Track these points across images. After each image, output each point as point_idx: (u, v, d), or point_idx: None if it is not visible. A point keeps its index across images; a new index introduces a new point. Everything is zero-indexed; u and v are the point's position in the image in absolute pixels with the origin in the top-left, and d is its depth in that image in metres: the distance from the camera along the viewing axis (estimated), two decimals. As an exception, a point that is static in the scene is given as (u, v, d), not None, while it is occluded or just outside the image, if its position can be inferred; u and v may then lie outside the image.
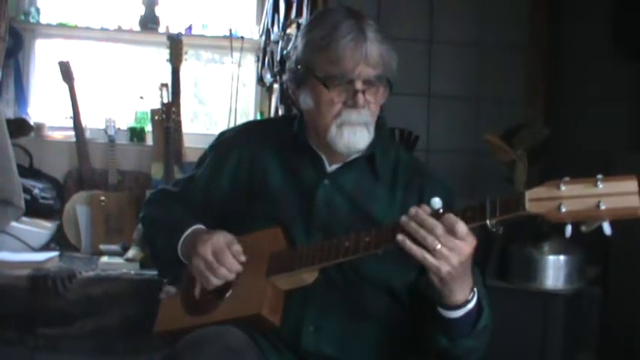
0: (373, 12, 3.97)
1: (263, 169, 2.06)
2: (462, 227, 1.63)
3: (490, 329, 1.87)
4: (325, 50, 1.91)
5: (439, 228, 1.63)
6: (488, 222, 1.60)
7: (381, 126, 2.07)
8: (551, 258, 3.06)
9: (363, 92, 1.90)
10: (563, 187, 1.51)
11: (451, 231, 1.63)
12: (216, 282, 1.93)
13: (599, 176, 1.49)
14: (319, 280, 1.89)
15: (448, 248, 1.63)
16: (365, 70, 1.89)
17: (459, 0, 4.10)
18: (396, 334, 1.99)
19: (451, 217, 1.64)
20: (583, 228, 1.51)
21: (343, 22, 1.91)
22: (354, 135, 1.93)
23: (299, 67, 1.99)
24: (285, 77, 2.11)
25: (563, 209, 1.50)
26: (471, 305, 1.76)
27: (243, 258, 1.93)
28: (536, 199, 1.54)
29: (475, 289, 1.77)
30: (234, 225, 2.02)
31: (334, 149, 1.96)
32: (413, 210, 1.67)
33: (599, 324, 3.23)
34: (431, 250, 1.63)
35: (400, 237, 1.66)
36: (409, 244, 1.65)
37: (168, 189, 2.28)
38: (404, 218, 1.67)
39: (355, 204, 1.98)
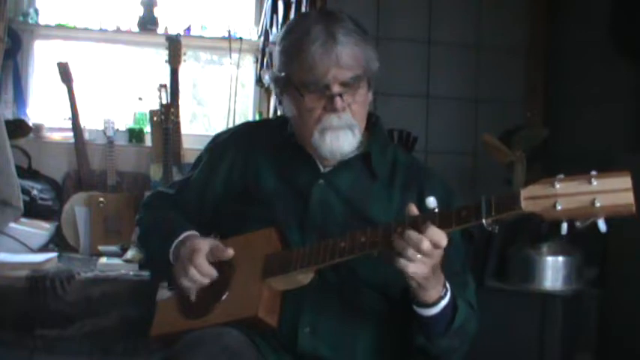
0: (372, 14, 3.98)
1: (256, 170, 2.06)
2: (444, 240, 1.65)
3: (470, 330, 1.89)
4: (297, 58, 1.91)
5: (425, 243, 1.64)
6: (484, 221, 1.60)
7: (375, 125, 2.07)
8: (549, 259, 3.07)
9: (340, 95, 1.90)
10: (557, 185, 1.51)
11: (436, 244, 1.64)
12: (187, 284, 1.92)
13: (593, 173, 1.49)
14: (315, 282, 1.89)
15: (426, 256, 1.65)
16: (339, 73, 1.89)
17: (458, 1, 4.11)
18: (392, 335, 1.98)
19: (435, 231, 1.64)
20: (577, 224, 1.51)
21: (312, 27, 1.90)
22: (338, 139, 1.93)
23: (279, 74, 1.99)
24: (271, 85, 2.11)
25: (559, 207, 1.50)
26: (444, 302, 1.77)
27: (230, 252, 1.92)
28: (532, 198, 1.53)
29: (448, 286, 1.79)
30: (229, 227, 2.01)
31: (319, 154, 1.97)
32: (399, 228, 1.68)
33: (598, 325, 3.23)
34: (411, 260, 1.65)
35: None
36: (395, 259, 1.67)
37: (164, 191, 2.28)
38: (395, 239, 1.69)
39: (351, 204, 1.98)
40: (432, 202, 1.67)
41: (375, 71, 1.97)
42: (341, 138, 1.93)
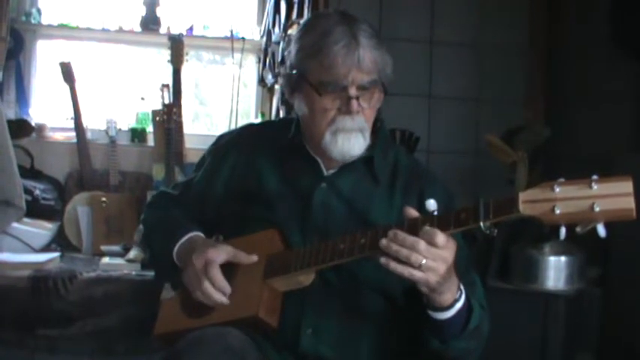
0: (375, 13, 3.97)
1: (258, 172, 2.06)
2: (440, 237, 1.63)
3: (484, 331, 1.88)
4: (317, 57, 1.89)
5: (421, 244, 1.63)
6: (481, 224, 1.59)
7: (379, 129, 2.06)
8: (552, 259, 3.07)
9: (357, 98, 1.89)
10: (557, 189, 1.50)
11: (432, 243, 1.63)
12: (200, 297, 1.92)
13: (594, 177, 1.47)
14: (316, 282, 1.89)
15: (432, 259, 1.63)
16: (358, 76, 1.88)
17: (460, 1, 4.10)
18: (394, 336, 1.99)
19: (428, 230, 1.64)
20: (578, 229, 1.50)
21: (335, 27, 1.88)
22: (349, 141, 1.92)
23: (293, 72, 1.98)
24: (280, 82, 2.11)
25: (558, 211, 1.49)
26: (459, 305, 1.76)
27: (254, 258, 1.92)
28: (530, 201, 1.53)
29: (462, 288, 1.78)
30: (231, 228, 2.02)
31: (329, 155, 1.96)
32: (391, 232, 1.67)
33: (600, 324, 3.23)
34: (417, 267, 1.64)
35: (383, 260, 1.67)
36: (394, 265, 1.66)
37: (169, 192, 2.28)
38: (383, 242, 1.67)
39: (352, 207, 1.98)
40: (431, 204, 1.67)
41: (389, 76, 1.96)
42: (352, 140, 1.92)
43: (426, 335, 1.83)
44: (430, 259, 1.63)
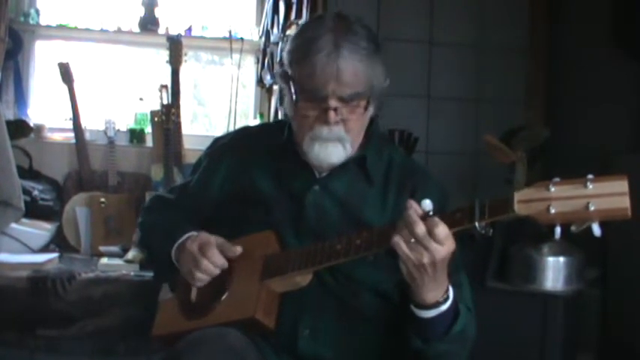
0: (373, 14, 3.97)
1: (252, 175, 2.05)
2: (441, 230, 1.63)
3: (469, 335, 1.87)
4: (300, 63, 1.89)
5: (419, 226, 1.62)
6: (477, 224, 1.59)
7: (372, 130, 2.05)
8: (550, 259, 3.06)
9: (336, 110, 1.87)
10: (552, 188, 1.50)
11: (431, 232, 1.62)
12: (201, 276, 1.93)
13: (590, 176, 1.47)
14: (313, 284, 1.89)
15: (423, 246, 1.63)
16: (338, 88, 1.85)
17: (459, 1, 4.10)
18: (392, 335, 1.98)
19: (434, 219, 1.63)
20: (573, 228, 1.50)
21: (322, 35, 1.86)
22: (326, 150, 1.92)
23: (281, 70, 1.98)
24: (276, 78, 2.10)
25: (553, 211, 1.49)
26: (443, 307, 1.76)
27: (238, 249, 1.94)
28: (526, 201, 1.53)
29: (450, 293, 1.77)
30: (227, 230, 2.01)
31: (308, 160, 1.96)
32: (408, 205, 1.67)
33: (599, 325, 3.23)
34: (406, 242, 1.64)
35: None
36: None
37: (165, 196, 2.29)
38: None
39: (346, 209, 1.97)
40: (427, 204, 1.66)
41: (381, 87, 1.93)
42: (329, 149, 1.92)
43: (409, 333, 1.83)
44: (420, 243, 1.63)
